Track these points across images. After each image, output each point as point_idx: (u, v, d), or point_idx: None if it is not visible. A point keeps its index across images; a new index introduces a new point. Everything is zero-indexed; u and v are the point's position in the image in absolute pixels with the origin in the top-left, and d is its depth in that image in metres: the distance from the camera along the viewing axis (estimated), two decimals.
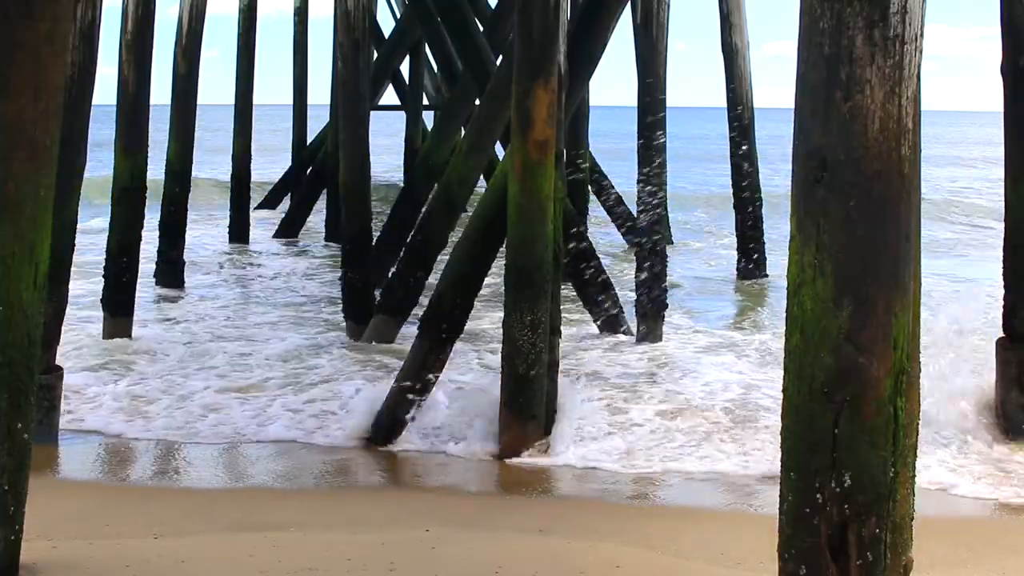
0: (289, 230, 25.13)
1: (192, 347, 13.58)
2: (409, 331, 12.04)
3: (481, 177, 13.81)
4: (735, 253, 19.85)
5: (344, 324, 14.39)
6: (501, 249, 9.86)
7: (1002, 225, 9.98)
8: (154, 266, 17.66)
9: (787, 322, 4.56)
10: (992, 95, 12.26)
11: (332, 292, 17.34)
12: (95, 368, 12.25)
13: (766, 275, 19.06)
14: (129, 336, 13.69)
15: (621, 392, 11.52)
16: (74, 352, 12.57)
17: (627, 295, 14.53)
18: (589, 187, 22.21)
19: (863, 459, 4.42)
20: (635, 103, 13.90)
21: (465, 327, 10.14)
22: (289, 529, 7.27)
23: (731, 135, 19.24)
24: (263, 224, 26.10)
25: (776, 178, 29.83)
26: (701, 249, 25.01)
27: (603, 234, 24.93)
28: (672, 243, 22.83)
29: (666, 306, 14.05)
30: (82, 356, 12.67)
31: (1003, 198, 9.84)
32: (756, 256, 19.28)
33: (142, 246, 14.10)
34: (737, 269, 19.62)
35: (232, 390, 11.54)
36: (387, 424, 9.91)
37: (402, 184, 26.27)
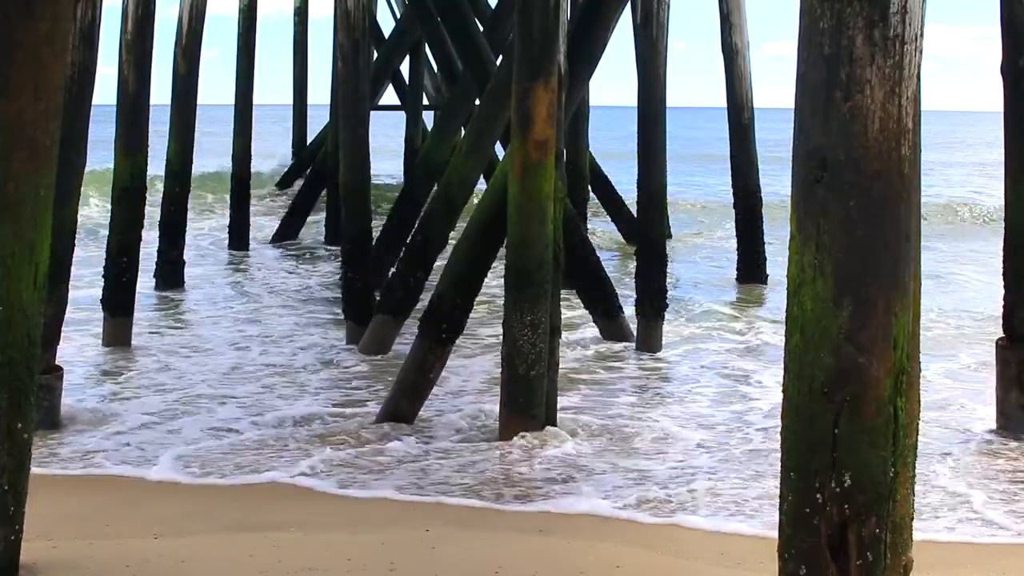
0: (289, 230, 25.10)
1: (190, 349, 13.58)
2: (409, 332, 12.02)
3: (481, 177, 13.78)
4: (735, 254, 19.80)
5: (343, 325, 14.38)
6: (501, 249, 9.87)
7: None
8: (154, 266, 17.69)
9: (787, 322, 4.56)
10: (992, 95, 12.26)
11: (332, 293, 17.33)
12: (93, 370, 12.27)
13: (766, 275, 19.01)
14: (129, 337, 13.68)
15: (621, 405, 11.20)
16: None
17: (627, 296, 14.48)
18: (590, 187, 22.23)
19: (863, 459, 4.42)
20: (635, 103, 13.90)
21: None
22: (289, 529, 7.27)
23: (731, 135, 19.22)
24: (263, 224, 26.08)
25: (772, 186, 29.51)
26: (701, 250, 24.98)
27: (603, 233, 24.93)
28: (671, 237, 22.79)
29: (666, 306, 14.02)
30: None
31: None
32: (756, 257, 19.23)
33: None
34: (737, 271, 19.56)
35: (231, 393, 11.53)
36: (387, 423, 9.93)
37: (402, 184, 26.24)
